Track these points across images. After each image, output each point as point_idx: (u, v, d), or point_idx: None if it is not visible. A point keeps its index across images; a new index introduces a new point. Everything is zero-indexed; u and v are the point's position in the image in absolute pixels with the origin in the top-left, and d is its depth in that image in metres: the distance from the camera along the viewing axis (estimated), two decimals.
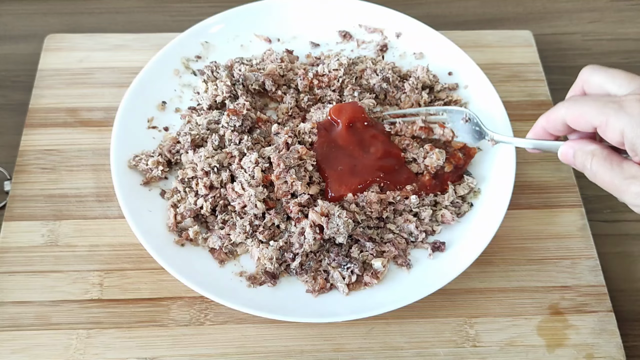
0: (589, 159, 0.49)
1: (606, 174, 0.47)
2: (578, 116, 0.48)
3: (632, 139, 0.43)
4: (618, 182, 0.46)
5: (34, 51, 0.86)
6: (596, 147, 0.49)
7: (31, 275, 0.66)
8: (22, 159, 0.75)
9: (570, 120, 0.49)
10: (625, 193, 0.46)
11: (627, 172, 0.46)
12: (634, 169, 0.45)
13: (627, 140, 0.44)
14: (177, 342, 0.63)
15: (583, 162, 0.50)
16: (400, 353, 0.63)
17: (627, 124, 0.43)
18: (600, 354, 0.63)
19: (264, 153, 0.68)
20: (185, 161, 0.70)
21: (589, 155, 0.49)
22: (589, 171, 0.49)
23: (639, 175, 0.45)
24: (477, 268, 0.67)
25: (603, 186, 0.48)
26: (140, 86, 0.75)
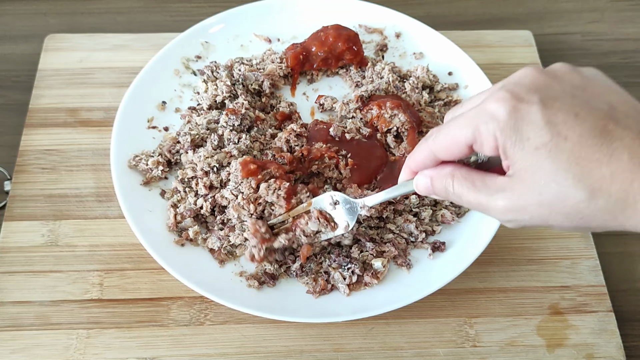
0: (450, 182, 0.45)
1: (470, 193, 0.44)
2: (449, 143, 0.44)
3: (502, 143, 0.40)
4: (484, 200, 0.43)
5: (34, 51, 0.86)
6: (452, 167, 0.45)
7: (31, 275, 0.66)
8: (22, 159, 0.75)
9: (441, 151, 0.45)
10: (493, 209, 0.42)
11: (491, 187, 0.42)
12: (498, 182, 0.42)
13: (500, 144, 0.40)
14: (177, 342, 0.63)
15: (445, 187, 0.46)
16: (400, 353, 0.63)
17: (497, 128, 0.40)
18: (600, 354, 0.63)
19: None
20: (185, 161, 0.70)
21: (449, 178, 0.45)
22: (452, 195, 0.45)
23: (505, 186, 0.41)
24: (477, 268, 0.67)
25: (471, 207, 0.45)
26: (140, 86, 0.75)
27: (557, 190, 0.39)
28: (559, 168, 0.38)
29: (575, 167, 0.38)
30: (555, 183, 0.38)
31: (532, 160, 0.39)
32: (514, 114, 0.40)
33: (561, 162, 0.38)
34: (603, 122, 0.38)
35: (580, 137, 0.38)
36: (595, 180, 0.37)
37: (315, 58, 0.78)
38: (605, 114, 0.39)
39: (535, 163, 0.39)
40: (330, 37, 0.77)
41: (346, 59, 0.79)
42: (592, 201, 0.38)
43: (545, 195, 0.39)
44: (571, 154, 0.38)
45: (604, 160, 0.37)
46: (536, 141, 0.39)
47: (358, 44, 0.79)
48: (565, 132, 0.38)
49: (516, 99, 0.40)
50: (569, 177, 0.38)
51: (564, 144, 0.38)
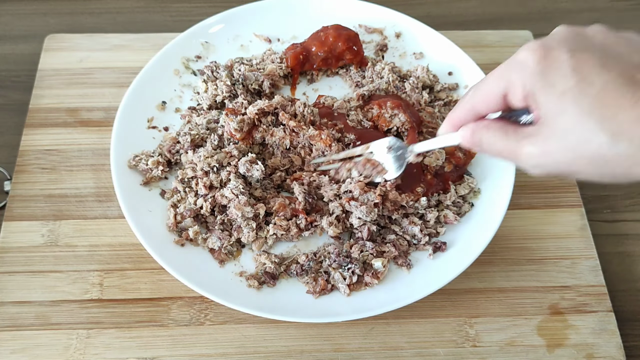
0: (484, 132, 0.47)
1: (501, 141, 0.45)
2: (485, 95, 0.46)
3: (531, 90, 0.42)
4: (513, 146, 0.44)
5: (34, 51, 0.86)
6: (489, 120, 0.48)
7: (31, 275, 0.66)
8: (22, 159, 0.75)
9: (479, 103, 0.47)
10: (521, 156, 0.44)
11: (520, 134, 0.44)
12: (527, 130, 0.44)
13: (529, 92, 0.42)
14: (177, 342, 0.63)
15: (480, 137, 0.48)
16: (400, 353, 0.63)
17: (525, 76, 0.42)
18: (600, 354, 0.63)
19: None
20: (185, 161, 0.70)
21: (484, 129, 0.47)
22: (486, 144, 0.47)
23: (533, 133, 0.43)
24: (477, 268, 0.67)
25: (500, 156, 0.47)
26: (140, 86, 0.75)
27: (581, 134, 0.39)
28: (582, 112, 0.39)
29: (598, 111, 0.38)
30: (578, 127, 0.39)
31: (557, 105, 0.40)
32: (542, 61, 0.41)
33: (585, 106, 0.39)
34: (631, 72, 0.39)
35: (606, 83, 0.39)
36: (618, 124, 0.38)
37: (315, 58, 0.78)
38: (633, 66, 0.39)
39: (560, 107, 0.40)
40: (330, 37, 0.77)
41: (346, 59, 0.79)
42: (615, 145, 0.38)
43: (570, 138, 0.40)
44: (595, 99, 0.39)
45: (628, 105, 0.38)
46: (562, 86, 0.40)
47: (358, 44, 0.79)
48: (591, 79, 0.39)
49: (545, 49, 0.41)
50: (591, 120, 0.39)
51: (589, 89, 0.39)
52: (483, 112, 0.48)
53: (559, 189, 0.75)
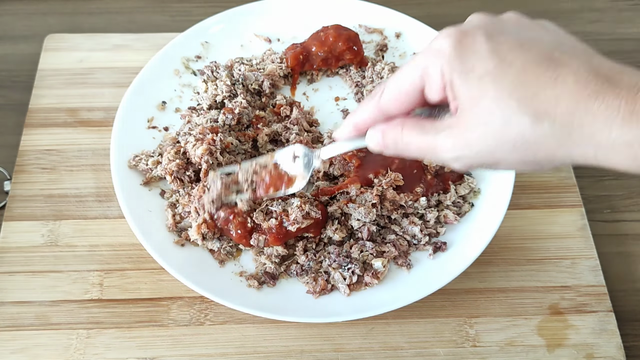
0: (399, 131, 0.44)
1: (418, 137, 0.43)
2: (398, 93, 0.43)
3: (449, 77, 0.39)
4: (432, 140, 0.41)
5: (34, 51, 0.86)
6: (401, 118, 0.44)
7: (31, 275, 0.66)
8: (22, 159, 0.75)
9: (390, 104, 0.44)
10: (439, 150, 0.41)
11: (438, 127, 0.41)
12: (445, 122, 0.41)
13: (447, 80, 0.40)
14: (177, 342, 0.63)
15: (394, 138, 0.44)
16: (400, 353, 0.63)
17: (444, 64, 0.39)
18: (600, 354, 0.63)
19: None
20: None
21: (399, 127, 0.44)
22: (402, 144, 0.44)
23: (451, 124, 0.40)
24: (477, 268, 0.67)
25: (420, 154, 0.44)
26: (140, 86, 0.75)
27: (502, 117, 0.37)
28: (502, 94, 0.37)
29: (519, 90, 0.37)
30: (499, 110, 0.37)
31: (476, 90, 0.38)
32: (458, 45, 0.39)
33: (505, 88, 0.37)
34: (549, 51, 0.38)
35: (525, 62, 0.37)
36: (540, 103, 0.36)
37: (315, 58, 0.78)
38: (551, 46, 0.39)
39: (480, 92, 0.38)
40: (330, 37, 0.77)
41: (346, 59, 0.79)
42: (537, 125, 0.37)
43: (490, 124, 0.38)
44: (515, 78, 0.37)
45: (549, 83, 0.36)
46: (480, 70, 0.38)
47: (358, 44, 0.79)
48: (510, 59, 0.38)
49: (461, 34, 0.40)
50: (512, 102, 0.37)
51: (509, 69, 0.37)
52: (393, 114, 0.45)
53: (559, 189, 0.75)
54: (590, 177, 0.79)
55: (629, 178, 0.79)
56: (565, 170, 0.76)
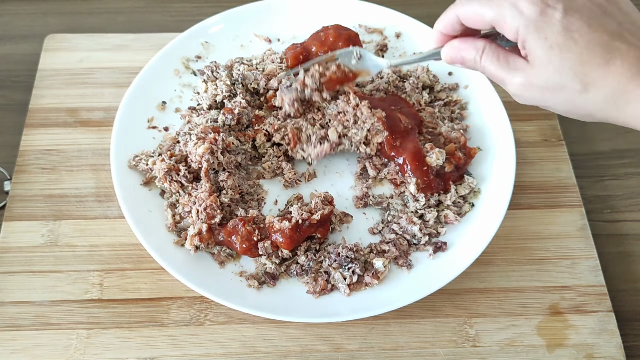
0: (480, 54, 0.53)
1: (493, 66, 0.52)
2: (474, 14, 0.51)
3: (524, 36, 0.48)
4: (504, 74, 0.51)
5: (34, 51, 0.86)
6: (484, 43, 0.53)
7: (31, 275, 0.66)
8: (22, 159, 0.75)
9: (466, 18, 0.52)
10: (510, 84, 0.51)
11: (512, 65, 0.51)
12: (518, 62, 0.50)
13: (520, 38, 0.48)
14: (177, 342, 0.63)
15: (474, 58, 0.53)
16: (400, 353, 0.63)
17: (522, 25, 0.48)
18: (600, 354, 0.63)
19: None
20: None
21: (479, 50, 0.53)
22: (478, 65, 0.53)
23: (523, 68, 0.50)
24: (477, 268, 0.67)
25: (491, 78, 0.53)
26: (140, 86, 0.75)
27: (559, 81, 0.48)
28: (564, 65, 0.47)
29: (577, 66, 0.47)
30: (559, 75, 0.48)
31: (545, 55, 0.48)
32: (540, 16, 0.47)
33: (567, 61, 0.47)
34: (609, 35, 0.47)
35: (588, 43, 0.47)
36: (591, 78, 0.47)
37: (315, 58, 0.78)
38: (613, 31, 0.47)
39: (548, 58, 0.48)
40: (330, 37, 0.77)
41: None
42: (585, 93, 0.47)
43: (550, 82, 0.48)
44: (577, 55, 0.47)
45: (602, 64, 0.46)
46: (552, 41, 0.47)
47: (358, 44, 0.78)
48: (577, 38, 0.47)
49: (544, 4, 0.48)
50: (570, 73, 0.47)
51: (574, 46, 0.47)
52: (468, 26, 0.54)
53: (559, 189, 0.75)
54: (590, 177, 0.79)
55: (629, 178, 0.79)
56: (565, 170, 0.76)
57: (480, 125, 0.76)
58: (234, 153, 0.69)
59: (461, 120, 0.77)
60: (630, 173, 0.79)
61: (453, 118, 0.77)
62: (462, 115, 0.77)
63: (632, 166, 0.80)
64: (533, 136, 0.79)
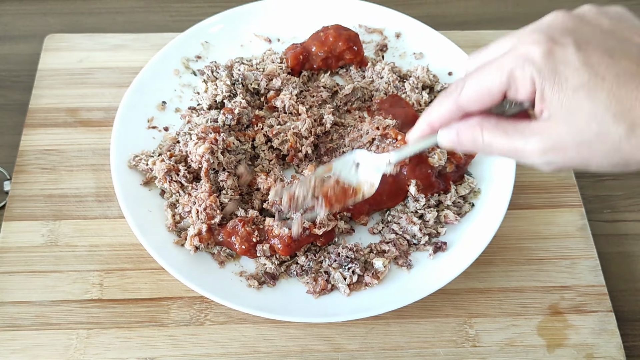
0: (479, 132, 0.44)
1: (502, 140, 0.43)
2: (481, 93, 0.43)
3: (541, 85, 0.41)
4: (520, 144, 0.42)
5: (34, 51, 0.86)
6: (480, 118, 0.45)
7: (31, 275, 0.66)
8: (22, 159, 0.75)
9: (471, 103, 0.44)
10: (530, 154, 0.42)
11: (526, 132, 0.42)
12: (533, 126, 0.42)
13: (538, 87, 0.41)
14: (177, 342, 0.63)
15: (474, 138, 0.45)
16: (400, 353, 0.63)
17: (534, 71, 0.40)
18: (600, 354, 0.63)
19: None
20: None
21: (477, 128, 0.44)
22: (482, 145, 0.45)
23: (542, 129, 0.41)
24: (477, 268, 0.67)
25: (502, 154, 0.44)
26: (140, 86, 0.75)
27: (598, 129, 0.39)
28: (598, 107, 0.39)
29: (615, 105, 0.38)
30: (595, 122, 0.39)
31: (571, 102, 0.40)
32: (550, 56, 0.40)
33: (601, 101, 0.39)
34: (637, 63, 0.39)
35: (617, 77, 0.39)
36: (635, 117, 0.38)
37: (315, 58, 0.78)
38: (638, 56, 0.40)
39: (574, 104, 0.40)
40: (330, 37, 0.77)
41: (346, 59, 0.79)
42: (632, 137, 0.39)
43: (586, 134, 0.40)
44: (610, 92, 0.39)
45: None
46: (574, 82, 0.39)
47: (358, 44, 0.79)
48: (603, 73, 0.39)
49: (551, 41, 0.40)
50: (608, 115, 0.39)
51: (602, 83, 0.39)
52: (472, 111, 0.45)
53: (559, 189, 0.75)
54: (590, 177, 0.79)
55: (629, 178, 0.79)
56: (565, 170, 0.76)
57: None
58: (234, 153, 0.69)
59: None
60: (630, 173, 0.79)
61: None
62: None
63: None
64: None
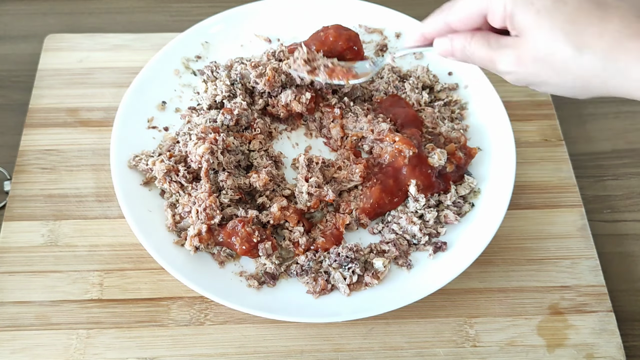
0: (469, 40, 0.51)
1: (483, 49, 0.49)
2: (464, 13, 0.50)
3: (512, 9, 0.45)
4: (493, 54, 0.48)
5: (34, 51, 0.86)
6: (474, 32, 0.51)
7: (31, 275, 0.66)
8: (22, 159, 0.75)
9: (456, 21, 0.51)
10: (498, 63, 0.48)
11: (502, 43, 0.48)
12: (508, 40, 0.48)
13: (508, 12, 0.46)
14: (177, 342, 0.63)
15: (463, 46, 0.51)
16: (400, 353, 0.63)
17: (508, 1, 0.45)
18: (600, 354, 0.63)
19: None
20: None
21: (468, 37, 0.51)
22: (469, 51, 0.51)
23: (510, 44, 0.47)
24: (477, 268, 0.67)
25: (482, 63, 0.50)
26: (140, 86, 0.75)
27: (550, 46, 0.44)
28: (554, 27, 0.43)
29: (568, 26, 0.43)
30: (550, 40, 0.44)
31: (534, 21, 0.44)
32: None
33: (557, 22, 0.43)
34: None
35: (579, 2, 0.43)
36: (584, 38, 0.42)
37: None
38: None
39: (536, 23, 0.44)
40: (330, 36, 0.77)
41: (346, 59, 0.79)
42: (578, 55, 0.43)
43: (541, 51, 0.45)
44: (568, 15, 0.43)
45: (596, 21, 0.42)
46: (539, 5, 0.44)
47: (359, 44, 0.78)
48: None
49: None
50: (561, 34, 0.43)
51: (563, 7, 0.43)
52: (458, 29, 0.52)
53: (559, 189, 0.75)
54: (590, 177, 0.79)
55: (628, 178, 0.79)
56: (565, 170, 0.76)
57: (480, 125, 0.76)
58: (234, 153, 0.69)
59: (461, 120, 0.77)
60: (630, 173, 0.79)
61: (453, 118, 0.77)
62: (462, 115, 0.77)
63: (632, 166, 0.80)
64: (533, 136, 0.79)
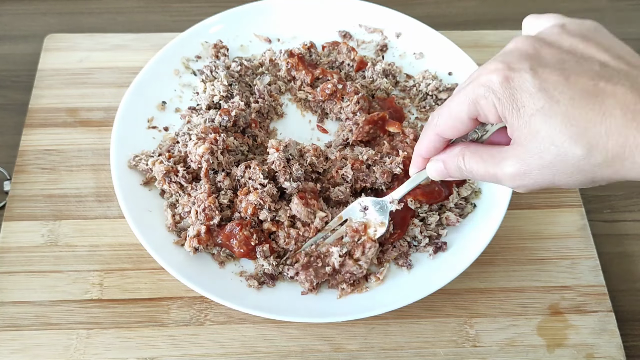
0: (461, 160, 0.48)
1: (479, 166, 0.46)
2: (453, 121, 0.46)
3: (502, 111, 0.42)
4: (493, 170, 0.45)
5: (34, 51, 0.86)
6: (461, 146, 0.49)
7: (31, 275, 0.66)
8: (22, 159, 0.75)
9: (446, 130, 0.48)
10: (502, 178, 0.45)
11: (497, 157, 0.45)
12: (503, 151, 0.44)
13: (500, 114, 0.43)
14: (177, 342, 0.63)
15: (457, 166, 0.49)
16: (400, 353, 0.63)
17: (494, 98, 0.42)
18: (600, 354, 0.63)
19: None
20: None
21: (459, 157, 0.48)
22: (465, 171, 0.48)
23: (509, 154, 0.43)
24: (477, 268, 0.67)
25: (484, 179, 0.47)
26: (140, 86, 0.75)
27: (557, 152, 0.40)
28: (554, 131, 0.40)
29: (570, 128, 0.39)
30: (553, 146, 0.40)
31: (529, 127, 0.41)
32: (507, 83, 0.41)
33: (556, 125, 0.40)
34: (594, 82, 0.39)
35: (572, 99, 0.39)
36: (592, 138, 0.39)
37: (315, 58, 0.78)
38: (595, 74, 0.40)
39: (532, 129, 0.41)
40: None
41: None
42: (591, 158, 0.39)
43: (546, 157, 0.41)
44: (565, 116, 0.39)
45: (598, 118, 0.38)
46: (531, 107, 0.41)
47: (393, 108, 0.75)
48: (557, 96, 0.40)
49: (508, 69, 0.42)
50: (565, 137, 0.39)
51: (557, 107, 0.40)
52: (451, 137, 0.49)
53: (559, 189, 0.75)
54: None
55: None
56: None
57: None
58: (233, 154, 0.69)
59: None
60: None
61: None
62: None
63: None
64: None
